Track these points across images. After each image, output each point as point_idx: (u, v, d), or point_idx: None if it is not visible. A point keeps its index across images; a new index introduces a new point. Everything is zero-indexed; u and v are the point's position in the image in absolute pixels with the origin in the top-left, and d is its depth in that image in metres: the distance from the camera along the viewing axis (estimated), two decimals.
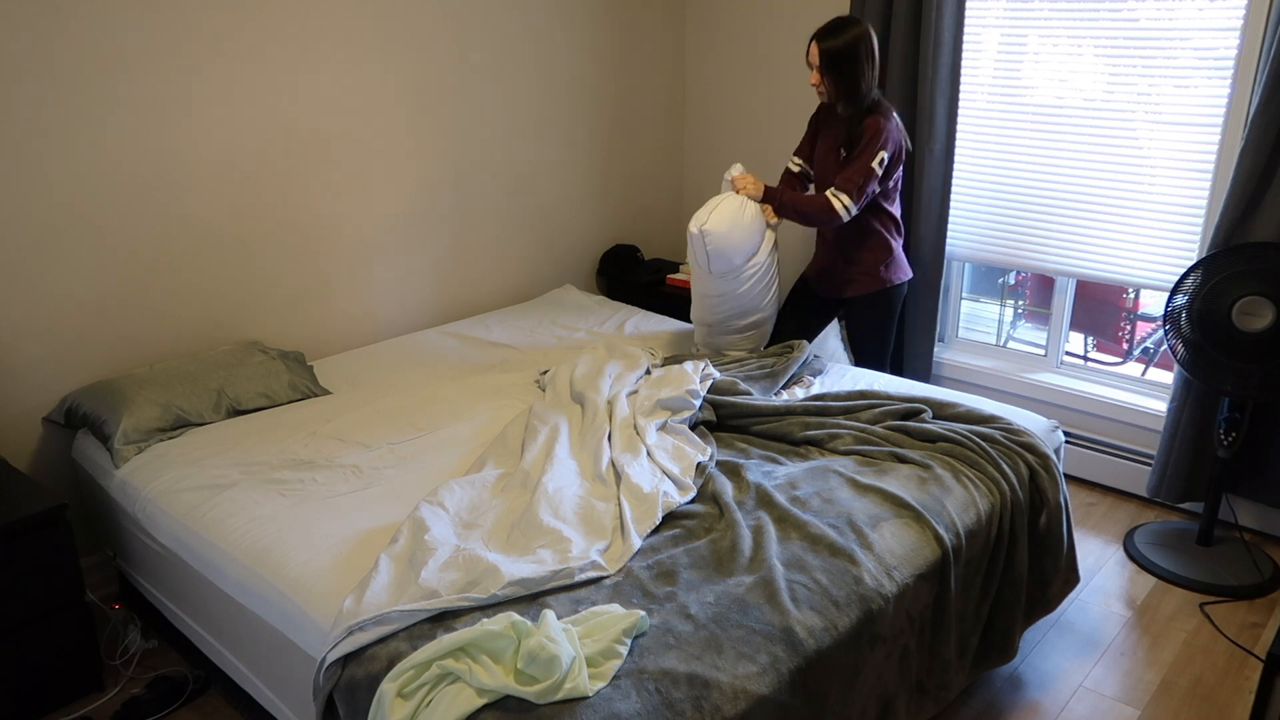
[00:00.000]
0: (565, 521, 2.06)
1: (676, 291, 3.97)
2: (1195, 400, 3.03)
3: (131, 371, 2.72)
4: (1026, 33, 3.31)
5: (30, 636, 2.28)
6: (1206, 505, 2.98)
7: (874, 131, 2.87)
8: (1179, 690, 2.45)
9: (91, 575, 2.78)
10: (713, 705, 1.59)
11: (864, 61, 2.85)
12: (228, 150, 2.88)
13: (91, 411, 2.56)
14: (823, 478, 2.27)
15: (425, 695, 1.58)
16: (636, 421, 2.50)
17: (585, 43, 3.84)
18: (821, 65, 2.87)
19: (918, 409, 2.59)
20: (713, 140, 4.28)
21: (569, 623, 1.73)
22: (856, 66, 2.85)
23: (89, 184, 2.62)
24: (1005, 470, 2.32)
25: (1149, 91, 3.09)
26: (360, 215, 3.26)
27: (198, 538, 2.17)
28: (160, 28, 2.66)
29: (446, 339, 3.34)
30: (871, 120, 2.89)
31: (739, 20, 4.04)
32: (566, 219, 3.99)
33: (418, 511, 2.09)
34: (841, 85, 2.88)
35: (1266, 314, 2.62)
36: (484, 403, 2.78)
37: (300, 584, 1.93)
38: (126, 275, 2.74)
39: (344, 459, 2.44)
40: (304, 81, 3.00)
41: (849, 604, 1.85)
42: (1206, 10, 2.93)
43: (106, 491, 2.49)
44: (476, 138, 3.55)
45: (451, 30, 3.37)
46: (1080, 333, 4.20)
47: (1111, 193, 3.25)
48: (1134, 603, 2.81)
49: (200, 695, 2.42)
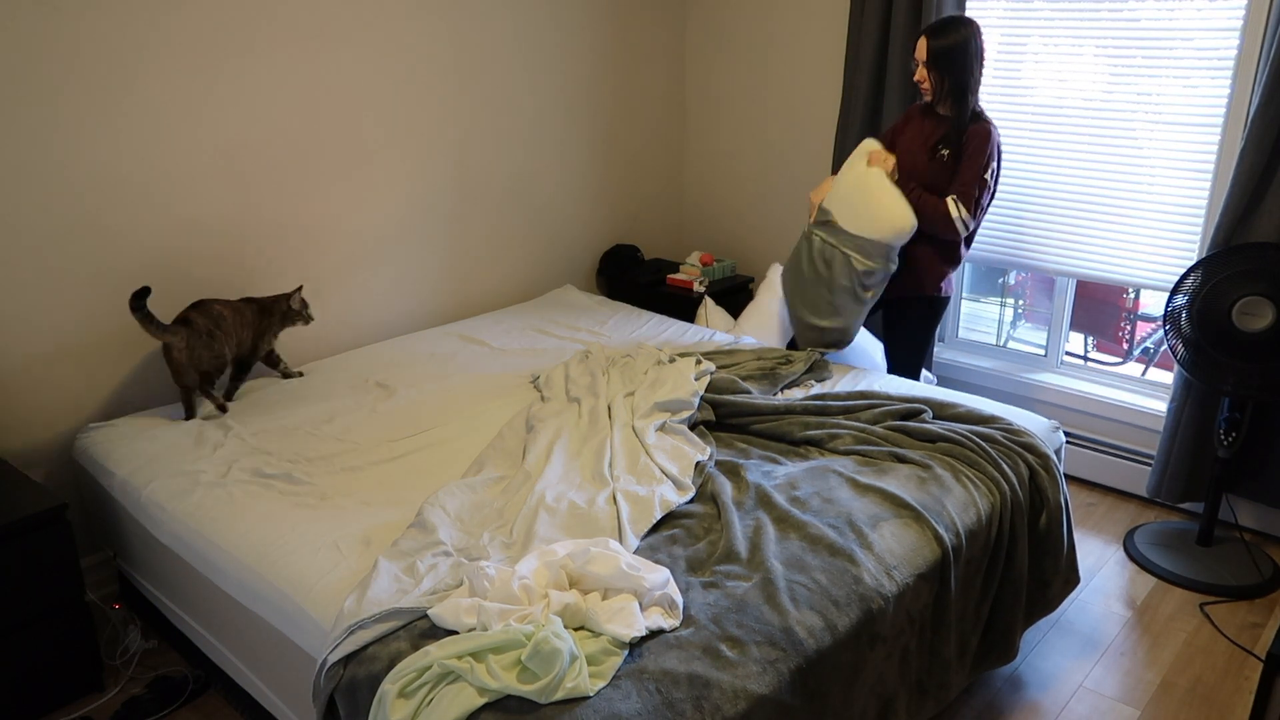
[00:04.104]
0: (561, 528, 2.06)
1: (677, 291, 3.97)
2: (1195, 400, 3.03)
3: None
4: (1027, 33, 3.32)
5: (30, 636, 2.28)
6: (1206, 505, 2.98)
7: (981, 139, 2.81)
8: (1179, 690, 2.45)
9: (91, 575, 2.78)
10: (713, 705, 1.59)
11: (974, 60, 2.80)
12: (228, 151, 2.87)
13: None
14: (822, 478, 2.27)
15: (426, 695, 1.58)
16: (635, 422, 2.50)
17: (586, 43, 3.84)
18: (930, 61, 2.82)
19: (918, 409, 2.59)
20: (713, 140, 4.28)
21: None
22: (967, 65, 2.80)
23: (90, 185, 2.62)
24: (1005, 470, 2.32)
25: (1149, 91, 3.09)
26: (360, 215, 3.26)
27: (198, 537, 2.17)
28: (160, 29, 2.66)
29: (446, 339, 3.34)
30: (979, 128, 2.83)
31: (740, 20, 4.04)
32: (566, 219, 3.99)
33: (419, 513, 2.09)
34: (950, 83, 2.83)
35: (1266, 314, 2.62)
36: (484, 403, 2.78)
37: (300, 584, 1.93)
38: (127, 275, 2.74)
39: (344, 459, 2.44)
40: (304, 82, 3.00)
41: (849, 604, 1.85)
42: (1206, 10, 2.93)
43: (107, 491, 2.49)
44: (477, 138, 3.55)
45: (452, 31, 3.37)
46: (1080, 333, 4.21)
47: (1111, 193, 3.25)
48: (1134, 603, 2.81)
49: (200, 695, 2.42)
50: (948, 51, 2.79)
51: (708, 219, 4.41)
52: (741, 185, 4.24)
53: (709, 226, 4.42)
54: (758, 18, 3.97)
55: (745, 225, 4.28)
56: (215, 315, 2.71)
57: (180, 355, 2.63)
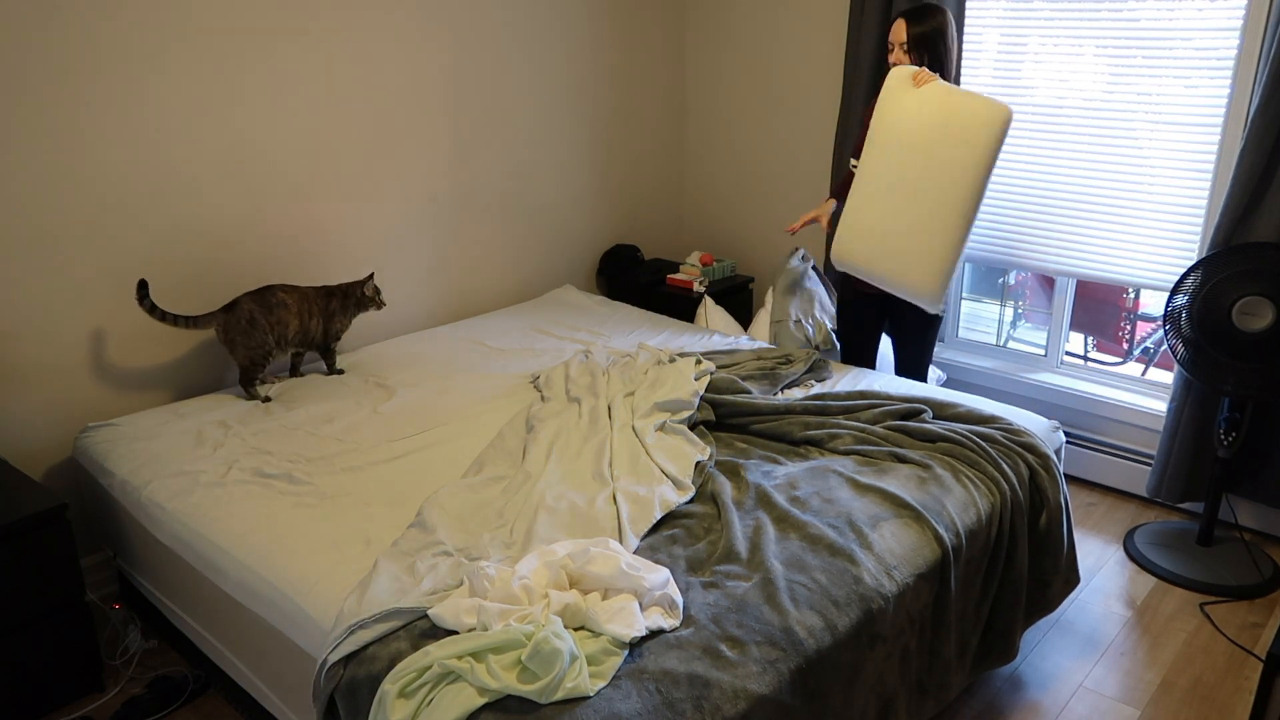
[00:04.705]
0: (562, 528, 2.06)
1: (677, 291, 3.97)
2: (1195, 400, 3.03)
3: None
4: (1027, 33, 3.32)
5: (30, 636, 2.28)
6: (1206, 505, 2.98)
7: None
8: (1179, 690, 2.45)
9: (91, 575, 2.78)
10: (713, 705, 1.59)
11: (952, 46, 2.81)
12: (230, 153, 2.87)
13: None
14: (822, 478, 2.27)
15: (426, 695, 1.58)
16: (635, 422, 2.50)
17: (586, 43, 3.84)
18: (910, 45, 2.80)
19: (918, 409, 2.59)
20: (713, 140, 4.28)
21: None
22: (947, 49, 2.80)
23: (91, 186, 2.62)
24: (1005, 470, 2.32)
25: (1149, 91, 3.09)
26: (361, 216, 3.26)
27: (198, 537, 2.17)
28: (160, 30, 2.66)
29: (447, 339, 3.34)
30: None
31: (740, 20, 4.04)
32: (566, 219, 3.99)
33: (419, 513, 2.09)
34: (928, 67, 2.82)
35: (1266, 314, 2.62)
36: (484, 403, 2.78)
37: (300, 584, 1.93)
38: (128, 276, 2.74)
39: (344, 459, 2.44)
40: (307, 85, 3.00)
41: (849, 604, 1.85)
42: (1206, 10, 2.93)
43: (107, 491, 2.49)
44: (477, 138, 3.55)
45: (453, 32, 3.37)
46: (1080, 333, 4.21)
47: (1111, 193, 3.25)
48: (1134, 603, 2.81)
49: (200, 695, 2.42)
50: (927, 36, 2.80)
51: (708, 219, 4.41)
52: (741, 185, 4.24)
53: (709, 226, 4.42)
54: (758, 18, 3.97)
55: (745, 225, 4.28)
56: (272, 303, 2.76)
57: (221, 339, 2.75)
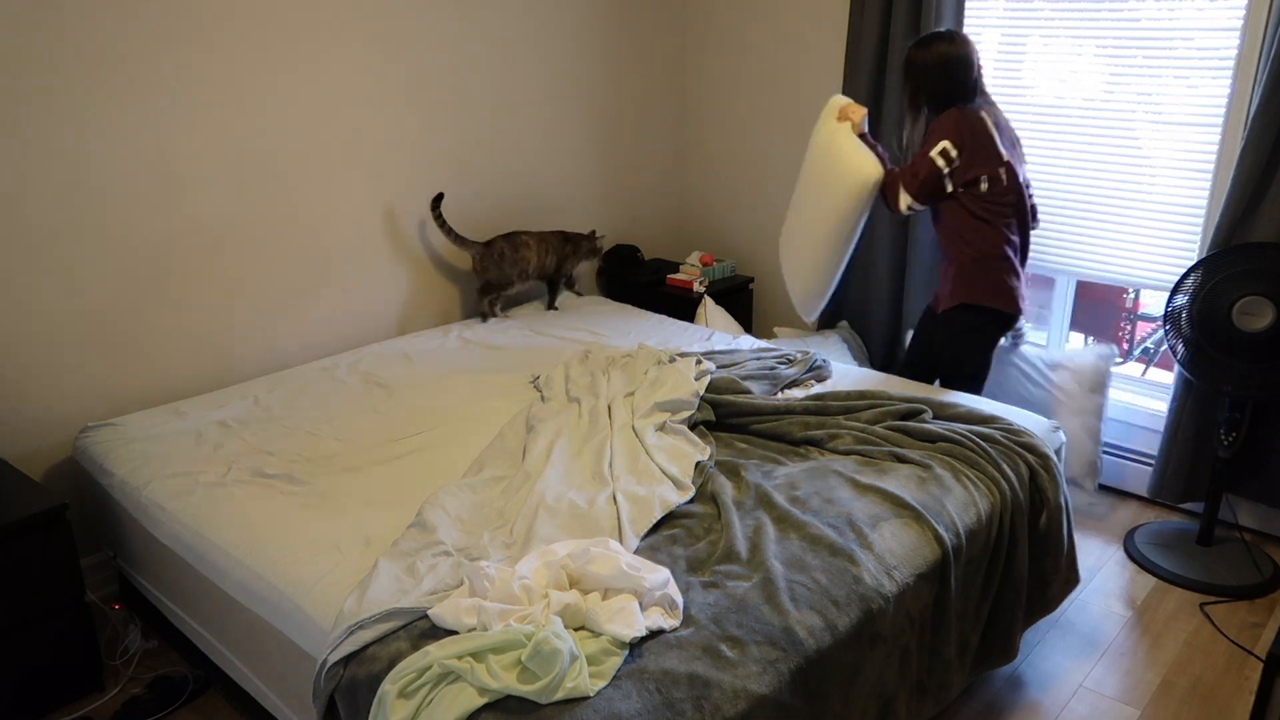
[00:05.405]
0: (562, 528, 2.06)
1: (677, 291, 3.97)
2: (1195, 400, 3.03)
3: None
4: (1027, 33, 3.32)
5: (30, 636, 2.28)
6: (1206, 505, 2.98)
7: (941, 122, 2.73)
8: (1179, 690, 2.45)
9: (91, 575, 2.78)
10: (713, 705, 1.59)
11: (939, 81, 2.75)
12: (228, 152, 2.88)
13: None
14: (822, 478, 2.27)
15: (426, 695, 1.58)
16: (635, 422, 2.50)
17: (587, 43, 3.84)
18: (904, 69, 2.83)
19: (918, 409, 2.59)
20: (713, 140, 4.28)
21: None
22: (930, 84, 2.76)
23: (91, 186, 2.62)
24: (1005, 470, 2.32)
25: (1149, 91, 3.09)
26: (361, 215, 3.26)
27: (198, 537, 2.17)
28: (160, 30, 2.66)
29: (446, 339, 3.34)
30: (948, 113, 2.73)
31: (741, 21, 4.04)
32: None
33: (419, 513, 2.09)
34: (905, 92, 2.85)
35: (1266, 314, 2.62)
36: (483, 403, 2.78)
37: (300, 584, 1.93)
38: (128, 276, 2.74)
39: (344, 459, 2.44)
40: (304, 83, 3.00)
41: (849, 604, 1.85)
42: (1206, 10, 2.93)
43: (107, 491, 2.49)
44: (477, 138, 3.55)
45: (453, 32, 3.37)
46: (1080, 333, 4.21)
47: (1111, 193, 3.25)
48: (1134, 603, 2.81)
49: (200, 695, 2.42)
50: (911, 63, 2.79)
51: (708, 219, 4.41)
52: (742, 185, 4.23)
53: (709, 226, 4.42)
54: (758, 18, 3.97)
55: (745, 225, 4.28)
56: (519, 242, 3.48)
57: (475, 266, 3.46)
